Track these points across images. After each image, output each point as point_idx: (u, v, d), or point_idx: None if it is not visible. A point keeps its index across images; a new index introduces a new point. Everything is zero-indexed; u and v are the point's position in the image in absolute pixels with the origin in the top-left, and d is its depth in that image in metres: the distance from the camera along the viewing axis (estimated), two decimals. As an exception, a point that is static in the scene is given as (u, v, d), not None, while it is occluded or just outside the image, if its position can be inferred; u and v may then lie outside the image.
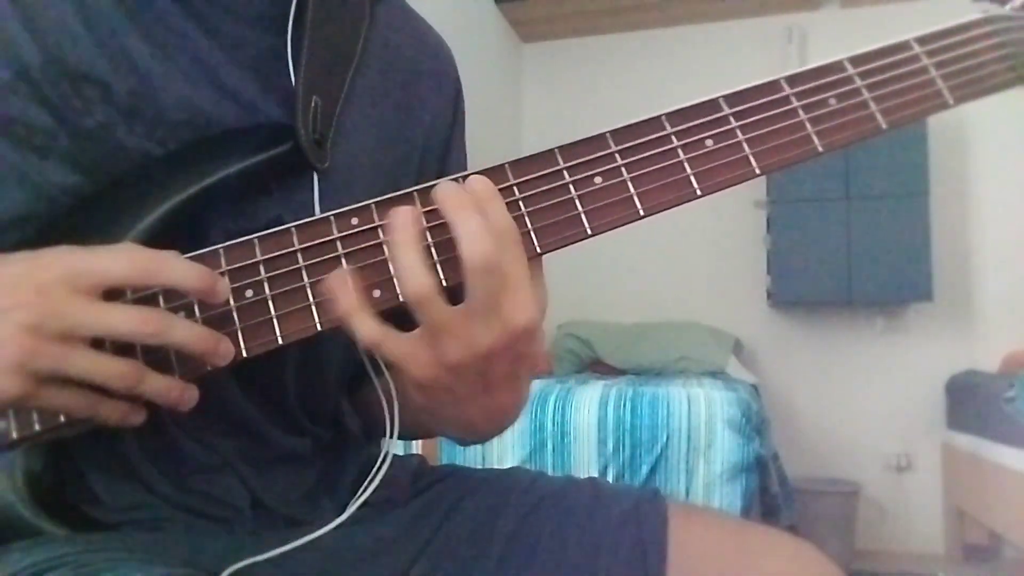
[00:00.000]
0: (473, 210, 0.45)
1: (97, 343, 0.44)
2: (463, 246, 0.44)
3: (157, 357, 0.46)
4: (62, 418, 0.46)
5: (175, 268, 0.45)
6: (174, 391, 0.46)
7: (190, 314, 0.47)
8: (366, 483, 0.57)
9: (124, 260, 0.45)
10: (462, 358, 0.45)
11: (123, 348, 0.45)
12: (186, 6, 0.55)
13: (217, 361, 0.46)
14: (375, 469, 0.58)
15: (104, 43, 0.52)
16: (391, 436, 0.56)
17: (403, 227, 0.45)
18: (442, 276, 0.47)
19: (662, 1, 3.54)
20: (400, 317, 0.47)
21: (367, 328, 0.46)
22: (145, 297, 0.46)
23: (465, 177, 0.48)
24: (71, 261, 0.44)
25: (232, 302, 0.47)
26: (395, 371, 0.49)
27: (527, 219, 0.48)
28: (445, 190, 0.46)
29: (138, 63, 0.53)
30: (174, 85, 0.53)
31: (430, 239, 0.47)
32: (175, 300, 0.47)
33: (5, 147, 0.50)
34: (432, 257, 0.47)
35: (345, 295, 0.46)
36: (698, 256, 3.67)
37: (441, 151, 0.69)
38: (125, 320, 0.44)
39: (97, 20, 0.52)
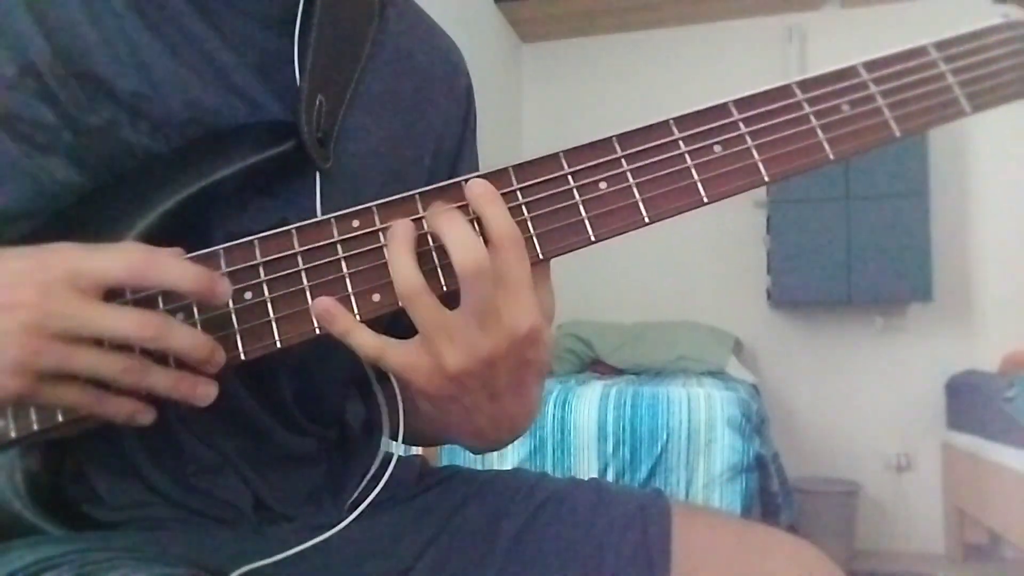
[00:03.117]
0: (461, 218, 0.45)
1: (97, 342, 0.44)
2: (452, 253, 0.44)
3: (155, 358, 0.46)
4: (60, 417, 0.46)
5: (172, 269, 0.45)
6: (184, 385, 0.46)
7: (189, 315, 0.47)
8: (366, 479, 0.57)
9: (122, 261, 0.44)
10: (463, 365, 0.45)
11: (122, 348, 0.45)
12: (196, 5, 0.55)
13: (210, 369, 0.46)
14: (379, 468, 0.58)
15: (111, 41, 0.52)
16: (397, 439, 0.56)
17: (398, 231, 0.46)
18: (443, 281, 0.47)
19: (662, 1, 3.53)
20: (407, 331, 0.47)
21: (367, 343, 0.46)
22: (146, 298, 0.46)
23: (467, 180, 0.48)
24: (73, 260, 0.44)
25: (231, 304, 0.47)
26: (402, 381, 0.49)
27: (530, 224, 0.48)
28: (434, 207, 0.47)
29: (144, 61, 0.52)
30: (180, 84, 0.53)
31: (431, 243, 0.47)
32: (175, 301, 0.46)
33: (9, 142, 0.50)
34: (433, 261, 0.47)
35: (338, 317, 0.46)
36: (698, 256, 3.67)
37: (453, 154, 0.69)
38: (126, 323, 0.44)
39: (105, 18, 0.52)
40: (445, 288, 0.46)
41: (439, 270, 0.47)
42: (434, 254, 0.47)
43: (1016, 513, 2.57)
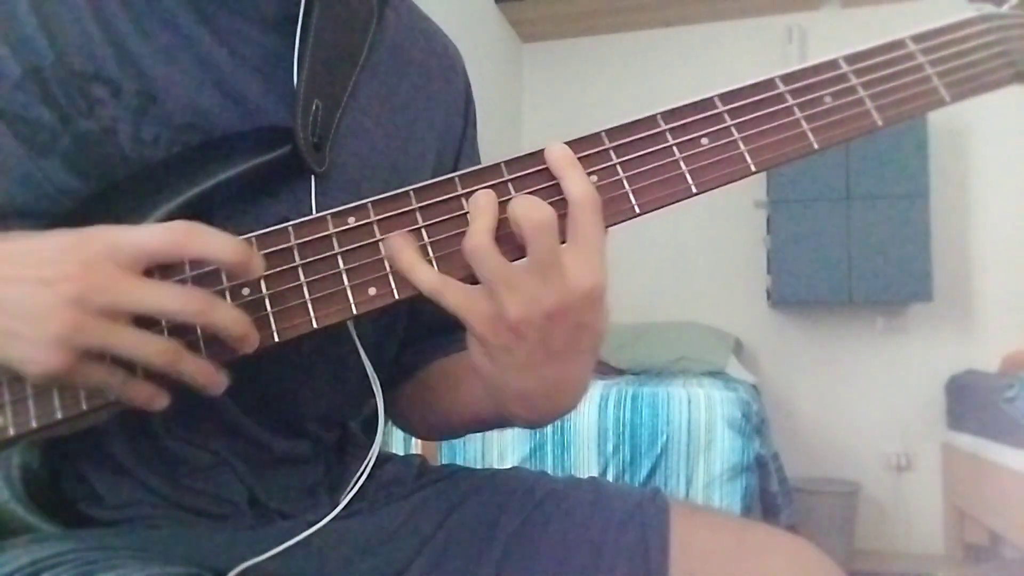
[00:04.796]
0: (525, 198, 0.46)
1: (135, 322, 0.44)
2: (514, 209, 0.45)
3: (185, 341, 0.46)
4: (59, 414, 0.46)
5: (213, 240, 0.45)
6: (207, 373, 0.46)
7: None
8: (363, 476, 0.57)
9: (161, 230, 0.44)
10: (523, 314, 0.45)
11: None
12: (195, 8, 0.55)
13: (244, 348, 0.46)
14: (376, 466, 0.58)
15: (114, 44, 0.52)
16: (382, 424, 0.57)
17: (481, 203, 0.47)
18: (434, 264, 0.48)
19: (662, 1, 3.53)
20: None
21: (427, 278, 0.46)
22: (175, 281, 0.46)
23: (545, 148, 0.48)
24: (113, 235, 0.44)
25: (228, 299, 0.47)
26: (468, 339, 0.49)
27: None
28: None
29: (141, 65, 0.53)
30: (178, 88, 0.53)
31: (426, 238, 0.48)
32: (206, 285, 0.46)
33: (10, 142, 0.50)
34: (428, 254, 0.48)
35: (404, 251, 0.47)
36: (698, 256, 3.67)
37: (454, 152, 0.70)
38: (171, 297, 0.43)
39: (106, 19, 0.52)
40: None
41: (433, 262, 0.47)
42: (430, 248, 0.48)
43: (1016, 513, 2.57)
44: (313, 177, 0.55)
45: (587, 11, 3.63)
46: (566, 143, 0.49)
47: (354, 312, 0.47)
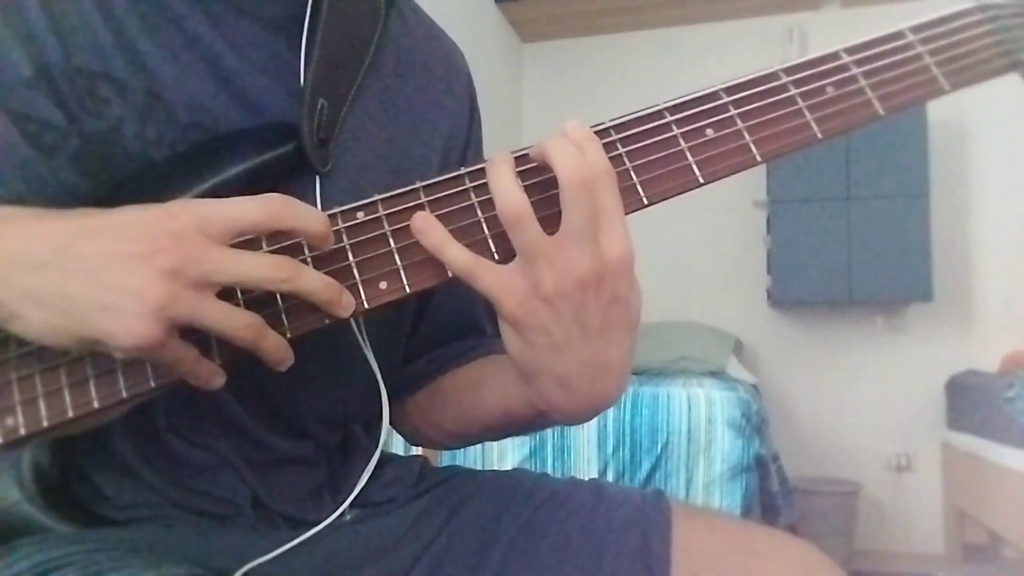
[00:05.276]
0: (569, 143, 0.47)
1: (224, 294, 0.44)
2: (559, 165, 0.45)
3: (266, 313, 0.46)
4: (70, 413, 0.45)
5: (304, 212, 0.45)
6: (283, 348, 0.46)
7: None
8: (364, 476, 0.57)
9: (255, 204, 0.45)
10: (558, 286, 0.45)
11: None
12: (204, 9, 0.55)
13: (340, 312, 0.46)
14: (378, 468, 0.58)
15: (121, 43, 0.52)
16: (386, 426, 0.56)
17: (499, 158, 0.48)
18: (494, 250, 0.48)
19: (662, 1, 3.54)
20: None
21: (459, 257, 0.46)
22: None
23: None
24: (201, 208, 0.44)
25: (239, 294, 0.47)
26: (501, 327, 0.49)
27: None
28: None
29: (149, 65, 0.53)
30: (184, 87, 0.53)
31: (481, 214, 0.48)
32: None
33: (18, 141, 0.50)
34: (484, 232, 0.48)
35: (433, 229, 0.47)
36: (698, 256, 3.67)
37: (460, 153, 0.70)
38: (261, 265, 0.44)
39: (116, 20, 0.53)
40: (497, 257, 0.47)
41: (489, 240, 0.48)
42: (484, 224, 0.48)
43: (1016, 513, 2.57)
44: (317, 176, 0.55)
45: (587, 11, 3.63)
46: None
47: (365, 306, 0.47)
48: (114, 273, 0.41)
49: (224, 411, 0.55)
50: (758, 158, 0.50)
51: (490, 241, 0.48)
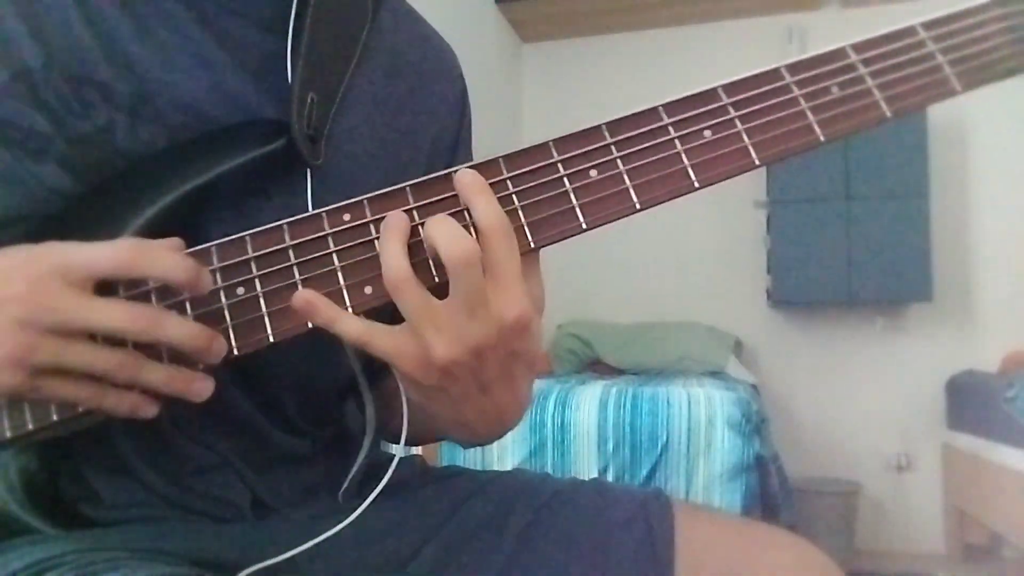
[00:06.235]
0: (447, 216, 0.45)
1: (91, 337, 0.44)
2: (440, 245, 0.44)
3: (149, 354, 0.46)
4: (55, 415, 0.45)
5: (161, 258, 0.45)
6: (179, 380, 0.46)
7: (181, 311, 0.46)
8: (354, 470, 0.57)
9: (110, 250, 0.44)
10: (451, 354, 0.45)
11: (116, 344, 0.45)
12: (189, 7, 0.55)
13: (210, 359, 0.46)
14: (380, 468, 0.57)
15: (106, 45, 0.52)
16: (399, 442, 0.56)
17: (391, 221, 0.46)
18: (434, 272, 0.46)
19: (662, 1, 3.53)
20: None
21: (352, 328, 0.45)
22: (138, 296, 0.46)
23: (456, 171, 0.47)
24: (62, 254, 0.44)
25: (224, 299, 0.47)
26: (394, 372, 0.49)
27: (521, 213, 0.48)
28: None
29: (137, 64, 0.52)
30: (174, 88, 0.53)
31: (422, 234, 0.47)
32: (168, 298, 0.46)
33: (0, 149, 0.49)
34: (425, 252, 0.46)
35: (320, 308, 0.45)
36: (698, 256, 3.67)
37: (448, 153, 0.69)
38: (118, 315, 0.44)
39: (99, 21, 0.52)
40: (437, 280, 0.46)
41: (431, 261, 0.46)
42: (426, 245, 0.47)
43: (1016, 513, 2.57)
44: (309, 172, 0.55)
45: (587, 11, 3.63)
46: (565, 136, 0.49)
47: (350, 312, 0.47)
48: None
49: (226, 403, 0.55)
50: (757, 162, 0.48)
51: None
